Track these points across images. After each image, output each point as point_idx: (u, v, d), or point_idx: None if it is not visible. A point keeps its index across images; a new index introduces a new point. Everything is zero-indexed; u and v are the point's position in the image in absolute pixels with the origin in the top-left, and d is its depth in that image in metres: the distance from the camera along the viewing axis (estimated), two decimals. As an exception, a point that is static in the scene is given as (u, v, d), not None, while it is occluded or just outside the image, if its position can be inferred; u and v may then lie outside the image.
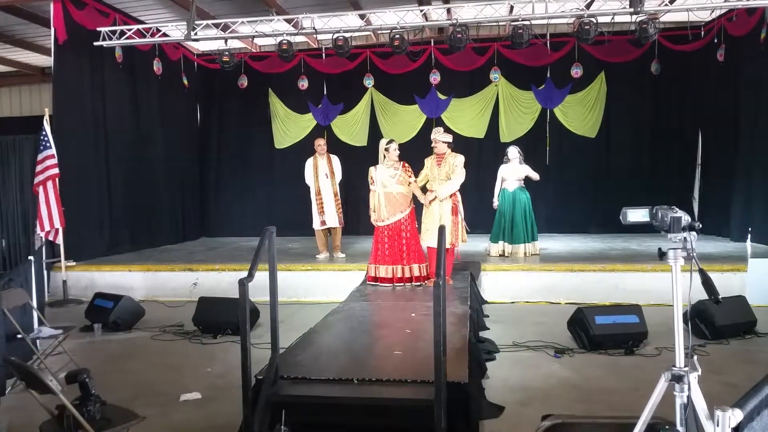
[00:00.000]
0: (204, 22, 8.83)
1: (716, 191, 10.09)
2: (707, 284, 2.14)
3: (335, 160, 8.79)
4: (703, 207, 10.12)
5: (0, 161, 9.77)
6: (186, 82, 11.43)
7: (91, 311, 6.57)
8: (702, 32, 9.48)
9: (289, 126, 12.22)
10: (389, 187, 6.65)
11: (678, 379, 2.17)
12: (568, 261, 7.93)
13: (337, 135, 11.89)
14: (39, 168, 7.94)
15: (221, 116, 12.74)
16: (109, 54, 9.24)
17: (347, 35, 8.69)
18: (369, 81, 11.47)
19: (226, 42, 9.25)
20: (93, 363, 4.83)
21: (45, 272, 7.09)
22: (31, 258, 5.31)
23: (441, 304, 3.02)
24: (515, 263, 7.96)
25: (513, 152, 8.61)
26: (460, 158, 6.56)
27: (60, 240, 8.05)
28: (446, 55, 10.63)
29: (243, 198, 12.52)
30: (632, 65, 10.49)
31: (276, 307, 3.58)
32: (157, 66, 10.23)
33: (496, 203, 8.62)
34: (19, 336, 4.46)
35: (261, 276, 3.41)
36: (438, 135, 6.65)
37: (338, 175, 8.75)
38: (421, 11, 9.21)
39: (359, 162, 11.07)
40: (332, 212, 8.61)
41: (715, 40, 9.31)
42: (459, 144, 10.87)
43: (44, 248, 7.36)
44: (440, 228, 3.78)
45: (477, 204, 10.28)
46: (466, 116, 11.59)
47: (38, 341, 4.95)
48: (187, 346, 5.80)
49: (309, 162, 8.73)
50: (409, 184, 6.69)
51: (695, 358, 2.20)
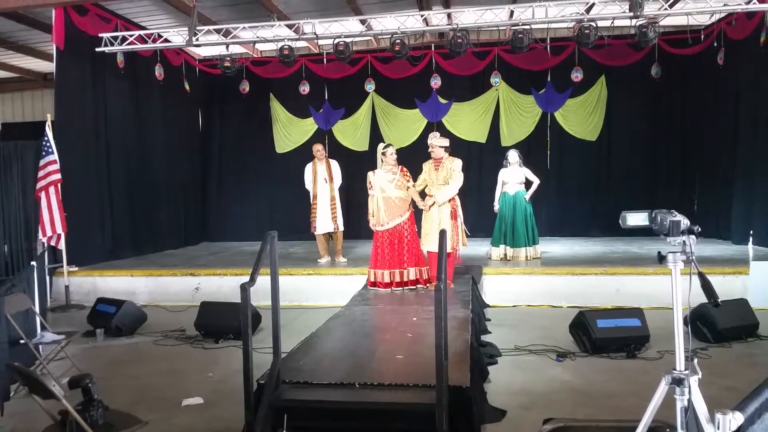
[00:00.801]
0: (205, 28, 8.86)
1: (717, 194, 10.08)
2: (706, 287, 2.15)
3: (334, 165, 8.81)
4: (704, 210, 10.13)
5: (2, 167, 9.80)
6: (187, 88, 11.49)
7: (94, 316, 6.58)
8: (702, 36, 9.51)
9: (291, 131, 12.26)
10: (388, 192, 6.66)
11: (678, 383, 2.17)
12: (570, 264, 7.93)
13: (339, 140, 11.92)
14: (41, 173, 7.97)
15: (223, 121, 12.78)
16: (111, 60, 9.27)
17: (348, 40, 8.72)
18: (370, 85, 11.52)
19: (228, 47, 9.28)
20: (95, 368, 4.85)
21: (47, 277, 7.12)
22: (34, 263, 5.32)
23: (442, 308, 3.03)
24: (517, 267, 7.95)
25: (513, 156, 8.62)
26: (458, 162, 6.54)
27: (62, 245, 8.06)
28: (447, 60, 10.66)
29: (244, 202, 12.53)
30: (633, 69, 10.50)
31: (278, 312, 3.59)
32: (159, 71, 10.28)
33: (497, 207, 8.63)
34: (22, 341, 4.47)
35: (263, 280, 3.42)
36: (435, 140, 6.64)
37: (337, 180, 8.77)
38: (422, 16, 9.24)
39: (361, 166, 11.08)
40: (326, 218, 8.60)
41: (715, 44, 9.32)
42: (460, 148, 10.94)
43: (46, 253, 7.37)
44: (441, 232, 3.79)
45: (478, 208, 10.30)
46: (467, 120, 11.61)
47: (41, 346, 4.95)
48: (189, 351, 5.80)
49: (308, 167, 8.75)
50: (408, 189, 6.68)
51: (695, 361, 2.20)
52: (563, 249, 9.65)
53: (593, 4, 8.09)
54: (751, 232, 9.01)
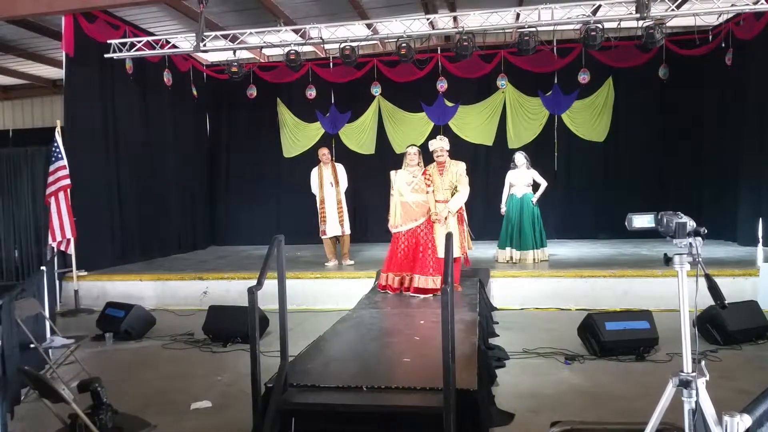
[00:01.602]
0: (213, 34, 8.91)
1: (724, 195, 10.01)
2: (713, 289, 2.15)
3: (340, 169, 8.84)
4: (711, 211, 10.05)
5: (12, 173, 9.89)
6: (195, 93, 11.55)
7: (103, 320, 6.62)
8: (710, 36, 9.47)
9: (298, 135, 12.29)
10: (405, 196, 6.56)
11: (686, 385, 2.17)
12: (578, 267, 7.90)
13: (345, 143, 11.94)
14: (51, 179, 8.03)
15: (230, 126, 12.83)
16: (120, 66, 9.33)
17: (354, 44, 8.74)
18: (376, 89, 11.54)
19: (235, 53, 9.33)
20: (104, 372, 4.87)
21: (57, 282, 7.18)
22: (43, 268, 5.38)
23: (449, 311, 3.03)
24: (524, 269, 7.94)
25: (519, 158, 8.60)
26: (462, 166, 6.47)
27: (72, 250, 8.12)
28: (453, 63, 10.66)
29: (252, 206, 12.57)
30: (640, 70, 10.45)
31: (285, 315, 3.60)
32: (167, 77, 10.36)
33: (504, 209, 8.61)
34: (32, 346, 4.50)
35: (270, 284, 3.44)
36: (443, 143, 6.57)
37: (343, 184, 8.79)
38: (428, 20, 9.26)
39: (367, 170, 11.16)
40: (334, 222, 8.63)
41: (723, 44, 9.28)
42: (467, 151, 10.96)
43: (56, 258, 7.44)
44: (447, 235, 3.79)
45: (485, 211, 10.28)
46: (474, 123, 11.60)
47: (50, 351, 4.99)
48: (198, 355, 5.82)
49: (314, 171, 8.79)
50: (427, 193, 6.50)
51: (703, 364, 2.20)
52: (571, 251, 9.61)
53: (600, 6, 8.08)
54: (761, 234, 8.94)
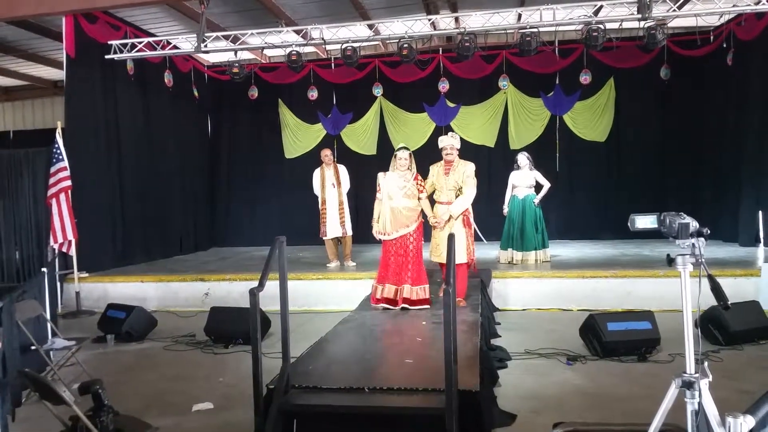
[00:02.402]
0: (214, 34, 8.92)
1: (725, 195, 9.99)
2: (716, 290, 2.14)
3: (342, 170, 8.84)
4: (713, 212, 10.03)
5: (13, 174, 9.87)
6: (196, 94, 11.56)
7: (104, 322, 6.62)
8: (711, 37, 9.45)
9: (299, 136, 12.29)
10: (395, 201, 5.95)
11: (689, 386, 2.16)
12: (580, 267, 7.89)
13: (347, 144, 11.95)
14: (52, 180, 8.02)
15: (231, 127, 12.84)
16: (121, 67, 9.34)
17: (356, 45, 8.74)
18: (378, 90, 11.53)
19: (236, 53, 9.33)
20: (106, 374, 4.88)
21: (58, 284, 7.18)
22: (45, 270, 5.37)
23: (451, 312, 3.02)
24: (526, 270, 7.93)
25: (522, 159, 8.59)
26: (471, 167, 6.03)
27: (73, 251, 8.11)
28: (455, 63, 10.66)
29: (254, 208, 12.57)
30: (642, 71, 10.45)
31: (287, 317, 3.60)
32: (168, 78, 10.36)
33: (506, 210, 8.60)
34: (33, 347, 4.50)
35: (272, 285, 3.43)
36: (454, 141, 6.09)
37: (345, 185, 8.79)
38: (429, 20, 9.25)
39: (369, 171, 11.10)
40: (335, 223, 8.62)
41: (725, 45, 9.27)
42: (469, 152, 10.91)
43: (57, 260, 7.44)
44: (450, 236, 3.78)
45: (489, 212, 10.26)
46: (476, 124, 11.59)
47: (52, 352, 4.99)
48: (199, 356, 5.82)
49: (317, 172, 8.79)
50: (419, 200, 5.99)
51: (706, 364, 2.19)
52: (573, 252, 9.61)
53: (601, 7, 8.08)
54: (761, 234, 8.93)
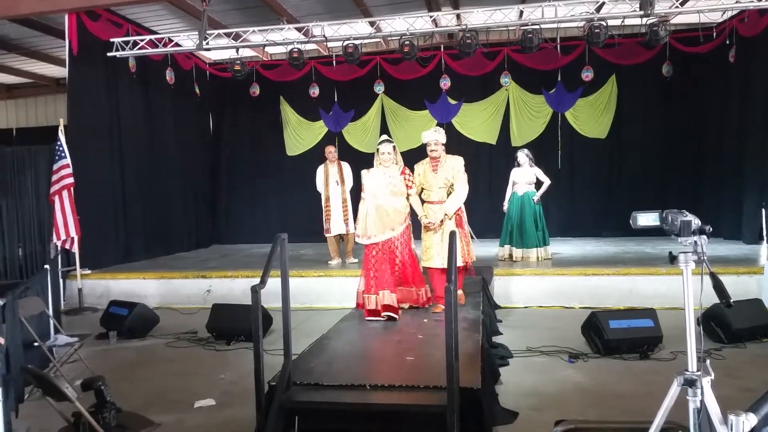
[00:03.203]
0: (215, 32, 8.91)
1: (728, 193, 9.98)
2: (718, 288, 2.13)
3: (346, 168, 8.84)
4: (715, 209, 10.02)
5: (16, 171, 9.89)
6: (198, 91, 11.56)
7: (106, 319, 6.63)
8: (714, 33, 9.42)
9: (301, 133, 12.29)
10: (380, 199, 5.41)
11: (691, 384, 2.16)
12: (582, 265, 7.88)
13: (349, 142, 11.94)
14: (54, 177, 8.05)
15: (233, 124, 12.84)
16: (123, 64, 9.35)
17: (357, 42, 8.73)
18: (379, 87, 11.53)
19: (238, 51, 9.33)
20: (108, 370, 4.89)
21: (61, 280, 7.17)
22: (47, 266, 5.37)
23: (453, 310, 3.02)
24: (528, 267, 7.92)
25: (522, 156, 8.57)
26: (460, 161, 5.54)
27: (75, 248, 8.13)
28: (456, 61, 10.65)
29: (255, 205, 12.58)
30: (644, 67, 10.42)
31: (288, 314, 3.60)
32: (170, 75, 10.36)
33: (506, 206, 8.60)
34: (36, 344, 4.51)
35: (273, 282, 3.43)
36: (439, 135, 5.51)
37: (348, 182, 8.79)
38: (431, 17, 9.24)
39: (370, 168, 11.12)
40: (339, 220, 8.63)
41: (727, 42, 9.24)
42: (471, 149, 10.94)
43: (60, 257, 7.43)
44: (451, 234, 3.77)
45: (489, 209, 10.26)
46: (477, 121, 11.58)
47: (54, 349, 5.00)
48: (201, 353, 5.83)
49: (320, 169, 8.79)
50: (408, 197, 5.50)
51: (708, 362, 2.19)
52: (575, 249, 9.59)
53: (603, 3, 8.06)
54: (765, 231, 8.91)
